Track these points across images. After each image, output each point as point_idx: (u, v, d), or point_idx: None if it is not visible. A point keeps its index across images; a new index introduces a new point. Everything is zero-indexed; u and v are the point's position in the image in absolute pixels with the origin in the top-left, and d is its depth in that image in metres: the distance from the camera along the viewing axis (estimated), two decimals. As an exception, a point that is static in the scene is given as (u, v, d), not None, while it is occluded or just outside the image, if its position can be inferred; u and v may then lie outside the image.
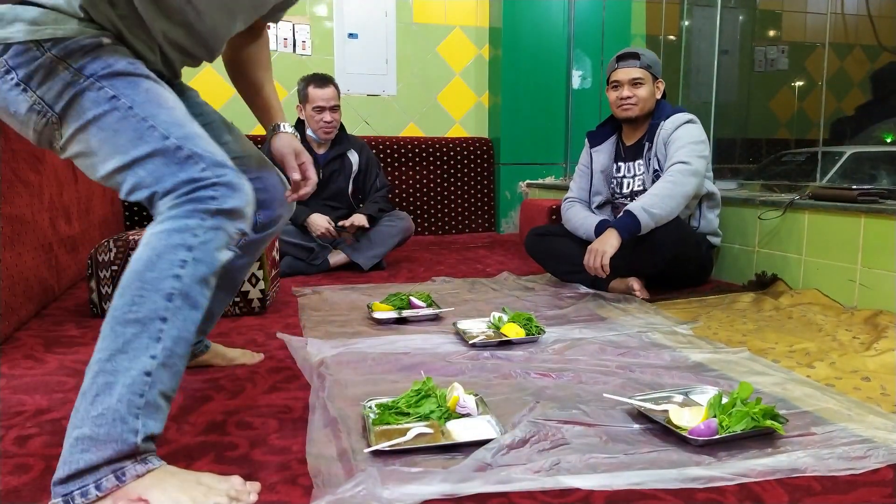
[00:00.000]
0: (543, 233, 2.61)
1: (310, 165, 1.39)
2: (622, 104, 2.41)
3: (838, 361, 1.56)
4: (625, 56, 2.41)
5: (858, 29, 4.44)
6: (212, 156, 1.02)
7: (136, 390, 0.89)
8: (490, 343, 1.70)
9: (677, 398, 1.28)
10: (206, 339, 1.55)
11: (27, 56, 1.01)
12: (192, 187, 0.99)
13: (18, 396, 1.34)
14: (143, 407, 0.90)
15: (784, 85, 4.70)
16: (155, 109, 1.03)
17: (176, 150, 1.00)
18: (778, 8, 4.93)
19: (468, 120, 4.51)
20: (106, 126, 1.02)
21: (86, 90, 1.02)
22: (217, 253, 1.00)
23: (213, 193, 0.99)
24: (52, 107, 1.03)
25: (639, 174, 2.47)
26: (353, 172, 3.06)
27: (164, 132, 1.01)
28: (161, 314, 0.94)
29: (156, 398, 0.92)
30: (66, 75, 1.02)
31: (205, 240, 0.98)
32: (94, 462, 0.86)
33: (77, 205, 2.50)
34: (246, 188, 1.04)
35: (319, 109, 2.88)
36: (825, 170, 3.19)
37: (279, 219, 1.42)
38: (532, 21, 4.27)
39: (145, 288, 0.94)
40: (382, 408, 1.19)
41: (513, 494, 0.95)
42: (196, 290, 0.97)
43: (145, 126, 1.01)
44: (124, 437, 0.88)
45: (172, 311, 0.94)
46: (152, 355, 0.92)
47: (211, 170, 1.00)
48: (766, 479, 1.00)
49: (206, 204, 0.99)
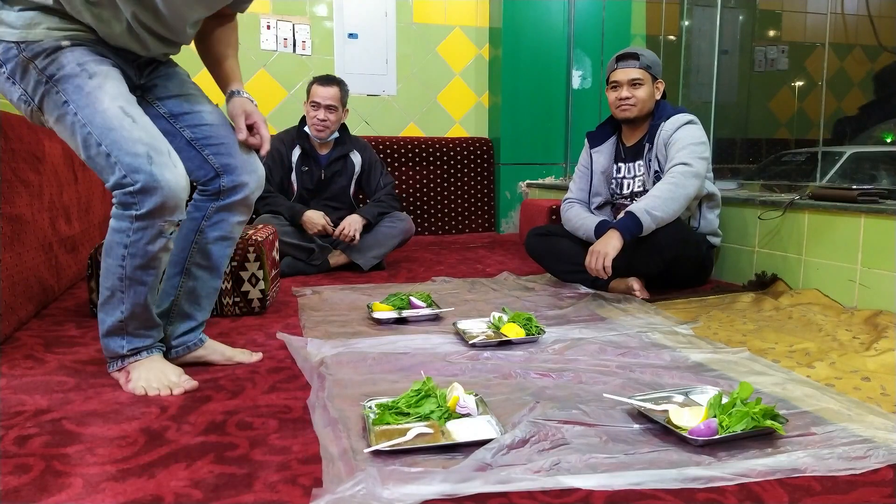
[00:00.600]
0: (543, 233, 2.61)
1: (262, 125, 1.52)
2: (621, 105, 2.41)
3: (838, 361, 1.56)
4: (624, 56, 2.40)
5: (858, 29, 4.43)
6: (131, 160, 1.25)
7: (116, 329, 1.39)
8: (490, 343, 1.70)
9: (677, 398, 1.28)
10: (203, 334, 1.57)
11: (10, 54, 1.26)
12: (120, 192, 1.27)
13: (18, 396, 1.34)
14: (125, 335, 1.39)
15: (784, 85, 4.69)
16: (92, 114, 1.26)
17: (106, 156, 1.26)
18: (778, 8, 4.93)
19: (468, 120, 4.51)
20: (66, 126, 1.29)
21: (48, 92, 1.28)
22: (148, 246, 1.31)
23: (132, 200, 1.27)
24: (32, 98, 1.30)
25: (639, 175, 2.47)
26: (356, 173, 3.06)
27: (98, 139, 1.26)
28: (119, 288, 1.36)
29: (134, 330, 1.39)
30: (34, 74, 1.27)
31: (135, 239, 1.30)
32: (109, 356, 1.43)
33: (77, 205, 2.50)
34: (163, 184, 1.26)
35: (315, 105, 2.88)
36: (825, 170, 3.19)
37: (244, 185, 1.49)
38: (532, 21, 4.27)
39: (107, 270, 1.36)
40: (382, 408, 1.19)
41: (513, 494, 0.95)
42: (138, 274, 1.34)
43: (86, 132, 1.27)
44: (116, 350, 1.41)
45: (125, 287, 1.35)
46: (121, 311, 1.37)
47: (130, 176, 1.25)
48: (766, 479, 1.00)
49: (130, 210, 1.28)
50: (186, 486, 0.98)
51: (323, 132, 2.92)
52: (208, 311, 1.57)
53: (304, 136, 2.98)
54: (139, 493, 0.96)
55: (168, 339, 1.51)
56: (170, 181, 1.27)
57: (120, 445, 1.12)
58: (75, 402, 1.32)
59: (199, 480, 1.00)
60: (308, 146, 2.97)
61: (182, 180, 1.31)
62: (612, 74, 2.43)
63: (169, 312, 1.51)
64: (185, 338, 1.53)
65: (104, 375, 1.48)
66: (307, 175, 2.97)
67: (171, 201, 1.28)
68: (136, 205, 1.27)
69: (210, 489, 0.97)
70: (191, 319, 1.53)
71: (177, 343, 1.53)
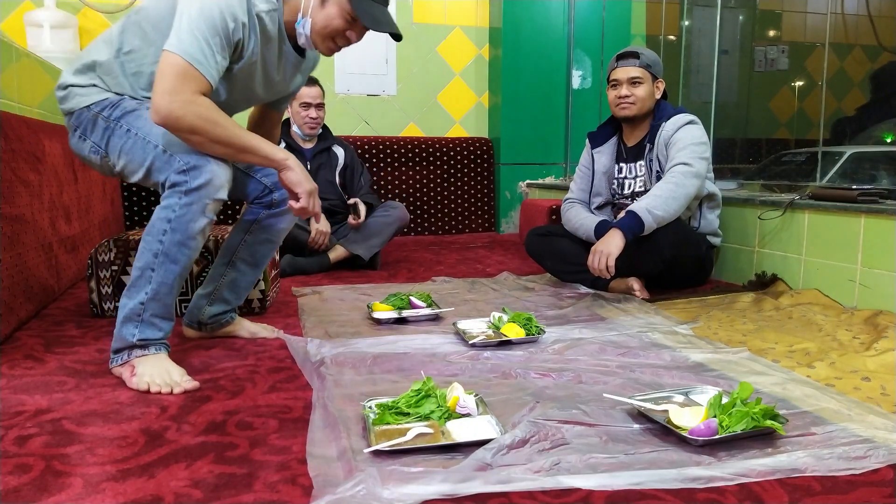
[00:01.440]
0: (543, 233, 2.61)
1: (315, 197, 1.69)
2: (620, 103, 2.41)
3: (838, 361, 1.56)
4: (624, 55, 2.41)
5: (858, 29, 4.43)
6: (185, 152, 1.44)
7: (134, 315, 1.46)
8: (490, 343, 1.70)
9: (677, 398, 1.28)
10: (235, 312, 1.81)
11: (82, 117, 1.55)
12: (175, 178, 1.43)
13: (18, 396, 1.34)
14: (140, 323, 1.46)
15: (784, 85, 4.70)
16: (150, 128, 1.48)
17: (163, 153, 1.46)
18: (778, 8, 4.93)
19: (468, 120, 4.51)
20: (127, 150, 1.51)
21: (113, 131, 1.52)
22: (191, 224, 1.44)
23: (184, 178, 1.42)
24: (100, 146, 1.54)
25: (640, 175, 2.47)
26: (339, 166, 3.12)
27: (155, 142, 1.47)
28: (151, 266, 1.45)
29: (149, 318, 1.46)
30: (102, 123, 1.53)
31: (180, 214, 1.43)
32: (117, 347, 1.48)
33: (77, 205, 2.50)
34: (211, 167, 1.43)
35: (306, 106, 2.97)
36: (825, 170, 3.19)
37: None
38: (532, 21, 4.27)
39: (143, 249, 1.45)
40: (382, 408, 1.19)
41: (513, 494, 0.95)
42: (174, 250, 1.44)
43: (145, 142, 1.48)
44: (127, 338, 1.46)
45: (157, 264, 1.44)
46: (145, 292, 1.45)
47: (184, 162, 1.43)
48: (766, 479, 1.00)
49: (181, 186, 1.42)
50: (186, 486, 0.98)
51: (315, 129, 3.04)
52: (243, 299, 1.82)
53: (286, 133, 3.06)
54: (139, 493, 0.96)
55: (203, 315, 1.76)
56: (215, 164, 1.44)
57: (120, 445, 1.12)
58: (75, 402, 1.32)
59: (199, 480, 1.00)
60: (291, 142, 3.05)
61: (226, 168, 1.47)
62: (612, 73, 2.43)
63: (210, 295, 1.76)
64: (219, 316, 1.77)
65: (104, 375, 1.48)
66: None
67: (218, 179, 1.44)
68: (188, 181, 1.42)
69: (210, 489, 0.97)
70: (227, 304, 1.78)
71: (210, 320, 1.76)
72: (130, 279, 1.47)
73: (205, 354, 1.66)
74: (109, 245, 2.02)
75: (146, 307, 1.45)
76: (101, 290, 2.01)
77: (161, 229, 1.43)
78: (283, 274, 2.72)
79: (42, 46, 3.25)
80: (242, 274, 1.77)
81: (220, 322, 1.78)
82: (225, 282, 1.76)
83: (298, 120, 3.01)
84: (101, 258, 2.00)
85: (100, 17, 3.68)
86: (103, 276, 2.01)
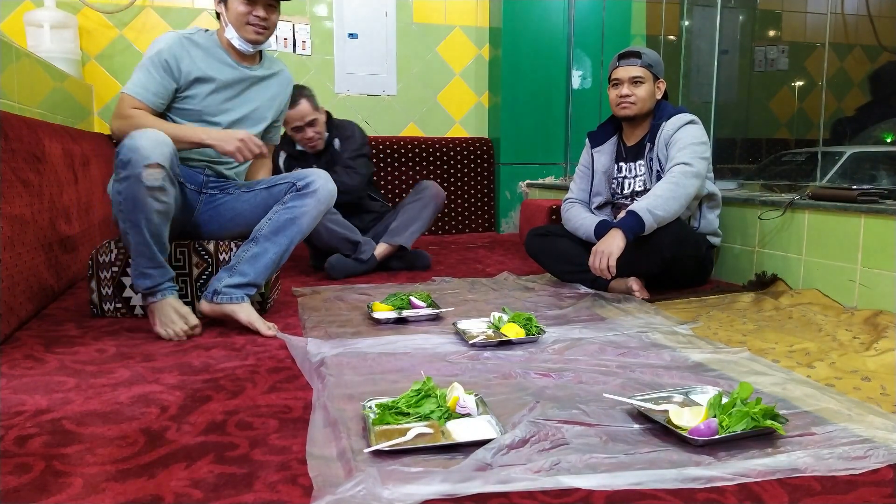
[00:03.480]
0: (543, 233, 2.61)
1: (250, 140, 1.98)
2: (621, 102, 2.41)
3: (838, 361, 1.56)
4: (626, 55, 2.41)
5: (858, 29, 4.43)
6: None
7: (134, 271, 1.80)
8: (490, 343, 1.70)
9: (677, 398, 1.28)
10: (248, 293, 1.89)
11: None
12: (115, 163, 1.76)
13: (18, 396, 1.34)
14: (138, 276, 1.79)
15: (784, 85, 4.70)
16: None
17: None
18: (778, 8, 4.93)
19: (468, 120, 4.51)
20: None
21: None
22: (135, 197, 1.71)
23: (117, 161, 1.73)
24: None
25: (640, 175, 2.47)
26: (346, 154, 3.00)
27: None
28: (126, 234, 1.77)
29: (141, 269, 1.78)
30: None
31: (120, 189, 1.73)
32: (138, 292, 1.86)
33: (77, 205, 2.50)
34: (132, 143, 1.70)
35: (297, 129, 2.80)
36: (825, 170, 3.19)
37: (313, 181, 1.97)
38: (532, 21, 4.27)
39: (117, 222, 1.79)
40: (382, 408, 1.19)
41: (513, 494, 0.95)
42: (132, 217, 1.73)
43: None
44: (138, 287, 1.81)
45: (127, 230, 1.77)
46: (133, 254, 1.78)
47: (118, 149, 1.74)
48: (766, 479, 1.00)
49: (117, 168, 1.74)
50: (186, 486, 0.98)
51: (316, 147, 2.88)
52: (262, 279, 1.92)
53: (288, 142, 2.92)
54: (139, 493, 0.96)
55: (220, 284, 1.87)
56: (138, 139, 1.70)
57: (120, 445, 1.12)
58: (75, 402, 1.32)
59: (199, 480, 1.00)
60: (292, 150, 2.94)
61: (149, 138, 1.71)
62: (613, 72, 2.44)
63: (232, 267, 1.89)
64: (232, 291, 1.87)
65: (104, 375, 1.48)
66: None
67: (141, 151, 1.68)
68: (118, 164, 1.71)
69: (210, 489, 0.97)
70: (244, 276, 1.88)
71: (224, 291, 1.87)
72: None
73: (205, 354, 1.66)
74: (110, 246, 2.02)
75: (137, 263, 1.78)
76: (101, 290, 2.01)
77: (116, 201, 1.74)
78: (331, 274, 2.68)
79: (42, 46, 3.25)
80: (264, 250, 1.91)
81: (231, 297, 1.86)
82: (246, 256, 1.90)
83: (300, 144, 2.90)
84: (102, 259, 2.00)
85: (100, 17, 3.68)
86: (104, 277, 2.01)
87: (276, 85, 2.17)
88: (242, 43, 2.01)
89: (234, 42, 2.02)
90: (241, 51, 2.03)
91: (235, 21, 1.98)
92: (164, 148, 1.72)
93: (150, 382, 1.44)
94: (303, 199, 1.95)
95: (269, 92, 2.15)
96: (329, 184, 2.01)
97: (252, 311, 1.88)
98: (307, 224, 1.97)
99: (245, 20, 1.97)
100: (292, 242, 1.95)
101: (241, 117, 2.08)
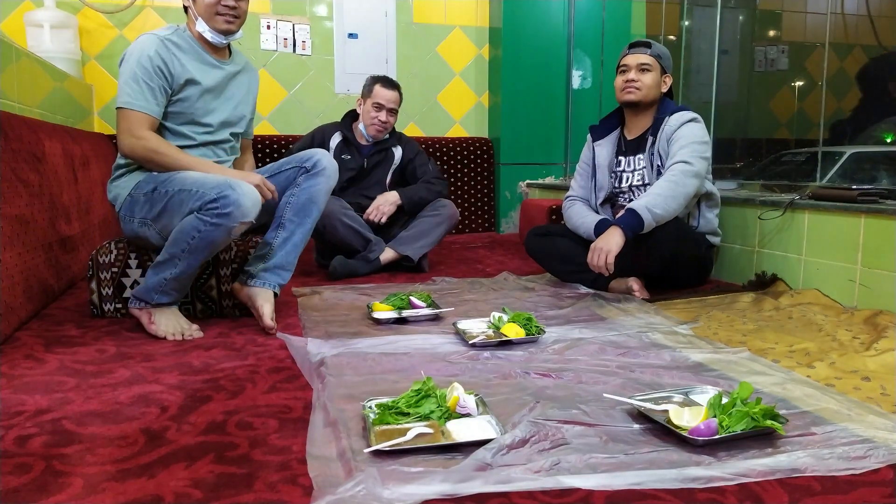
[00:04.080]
0: (543, 233, 2.61)
1: None
2: (626, 87, 2.41)
3: (838, 361, 1.56)
4: (637, 44, 2.44)
5: (858, 29, 4.43)
6: (216, 185, 1.77)
7: (158, 285, 1.82)
8: (490, 343, 1.70)
9: (677, 398, 1.28)
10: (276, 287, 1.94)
11: None
12: (210, 204, 1.76)
13: (18, 396, 1.34)
14: (160, 292, 1.82)
15: (784, 85, 4.70)
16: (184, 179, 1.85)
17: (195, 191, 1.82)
18: (778, 8, 4.93)
19: (468, 120, 4.51)
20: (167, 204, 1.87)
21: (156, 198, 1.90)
22: (215, 240, 1.77)
23: (215, 204, 1.74)
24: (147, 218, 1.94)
25: (639, 168, 2.47)
26: (394, 165, 3.07)
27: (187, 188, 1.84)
28: (178, 256, 1.79)
29: (167, 289, 1.82)
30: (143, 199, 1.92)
31: (207, 231, 1.75)
32: (139, 297, 1.85)
33: (77, 205, 2.50)
34: (236, 197, 1.73)
35: (378, 107, 2.92)
36: (825, 170, 3.19)
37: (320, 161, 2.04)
38: (532, 21, 4.27)
39: (176, 238, 1.79)
40: (382, 408, 1.19)
41: (513, 494, 0.95)
42: (198, 251, 1.78)
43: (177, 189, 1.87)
44: (150, 297, 1.83)
45: (183, 257, 1.78)
46: (171, 273, 1.81)
47: (217, 191, 1.74)
48: (766, 479, 1.00)
49: (214, 209, 1.74)
50: (186, 486, 0.98)
51: (382, 132, 2.97)
52: (294, 260, 1.99)
53: (347, 126, 3.00)
54: (139, 493, 0.96)
55: (256, 269, 1.94)
56: (240, 194, 1.73)
57: (120, 445, 1.12)
58: (75, 402, 1.32)
59: (199, 480, 1.00)
60: (350, 135, 2.98)
61: (250, 196, 1.77)
62: (622, 59, 2.45)
63: (265, 256, 1.96)
64: (265, 275, 1.94)
65: (104, 375, 1.48)
66: (347, 163, 2.96)
67: (242, 208, 1.73)
68: (217, 208, 1.72)
69: (210, 489, 0.97)
70: (277, 261, 1.95)
71: (259, 275, 1.93)
72: (160, 257, 1.82)
73: (205, 354, 1.66)
74: (110, 247, 2.02)
75: (168, 283, 1.82)
76: (101, 291, 2.01)
77: (191, 235, 1.76)
78: (333, 274, 2.68)
79: (42, 46, 3.25)
80: (291, 233, 1.97)
81: (266, 282, 1.93)
82: (277, 241, 1.97)
83: (367, 119, 2.93)
84: (102, 260, 2.00)
85: (100, 17, 3.68)
86: (104, 278, 2.01)
87: (247, 79, 2.16)
88: (214, 35, 1.95)
89: (206, 35, 1.95)
90: (213, 44, 1.98)
91: (205, 12, 1.92)
92: (258, 208, 1.80)
93: (150, 382, 1.44)
94: (315, 178, 2.01)
95: (243, 87, 2.14)
96: (332, 161, 2.07)
97: (271, 302, 1.92)
98: (323, 201, 2.04)
99: (214, 10, 1.91)
100: (314, 221, 2.03)
101: (226, 117, 2.06)
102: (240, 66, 2.12)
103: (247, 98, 2.16)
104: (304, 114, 4.09)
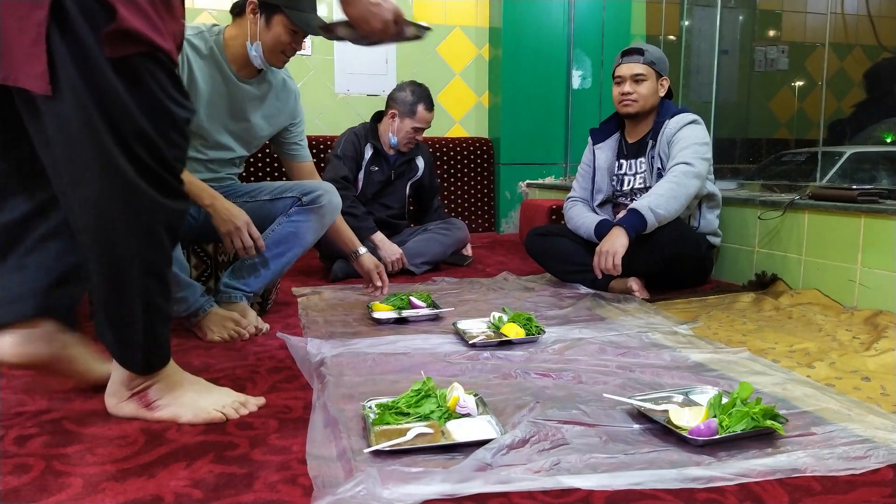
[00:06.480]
0: (543, 233, 2.61)
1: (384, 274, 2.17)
2: (623, 100, 2.41)
3: (838, 361, 1.56)
4: (629, 52, 2.42)
5: (858, 29, 4.43)
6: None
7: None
8: (490, 343, 1.70)
9: (677, 398, 1.28)
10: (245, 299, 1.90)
11: None
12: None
13: (18, 396, 1.34)
14: None
15: (784, 85, 4.70)
16: None
17: None
18: (778, 8, 4.93)
19: (468, 120, 4.51)
20: None
21: None
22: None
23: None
24: None
25: (640, 172, 2.47)
26: (415, 178, 3.08)
27: None
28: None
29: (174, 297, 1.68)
30: None
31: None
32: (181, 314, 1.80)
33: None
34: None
35: (418, 130, 2.91)
36: (825, 170, 3.19)
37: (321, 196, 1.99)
38: (532, 21, 4.26)
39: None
40: (382, 408, 1.19)
41: (513, 494, 0.95)
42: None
43: None
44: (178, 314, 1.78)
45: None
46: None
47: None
48: (766, 479, 1.00)
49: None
50: (186, 486, 0.98)
51: (410, 147, 2.98)
52: (259, 289, 1.94)
53: (374, 136, 2.96)
54: (139, 493, 0.96)
55: (220, 284, 1.91)
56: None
57: (120, 445, 1.12)
58: (75, 402, 1.32)
59: (199, 480, 1.00)
60: (379, 145, 2.95)
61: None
62: (616, 69, 2.44)
63: (233, 271, 1.93)
64: (231, 291, 1.89)
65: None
66: (375, 175, 2.95)
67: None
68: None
69: (210, 489, 0.97)
70: (241, 282, 1.91)
71: (223, 290, 1.90)
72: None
73: (205, 354, 1.66)
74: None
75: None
76: (101, 290, 2.01)
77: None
78: (335, 277, 2.68)
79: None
80: (263, 261, 1.92)
81: (229, 295, 1.88)
82: (246, 264, 1.92)
83: (401, 135, 2.89)
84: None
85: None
86: (103, 276, 2.00)
87: (273, 102, 2.06)
88: (264, 64, 1.91)
89: (255, 60, 1.88)
90: (253, 64, 1.91)
91: (272, 45, 1.86)
92: None
93: (150, 382, 1.44)
94: (308, 213, 1.96)
95: (264, 110, 2.04)
96: (335, 198, 2.02)
97: (250, 311, 1.90)
98: (310, 239, 1.98)
99: (282, 48, 1.87)
100: (294, 256, 1.96)
101: (228, 136, 1.98)
102: (264, 91, 2.01)
103: (265, 122, 2.04)
104: (305, 114, 4.09)
